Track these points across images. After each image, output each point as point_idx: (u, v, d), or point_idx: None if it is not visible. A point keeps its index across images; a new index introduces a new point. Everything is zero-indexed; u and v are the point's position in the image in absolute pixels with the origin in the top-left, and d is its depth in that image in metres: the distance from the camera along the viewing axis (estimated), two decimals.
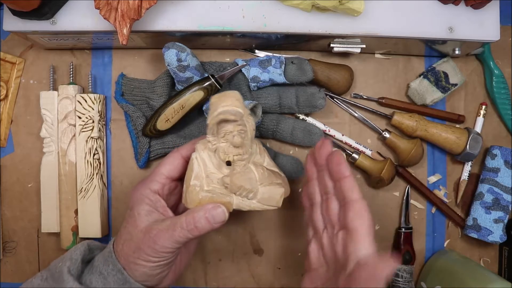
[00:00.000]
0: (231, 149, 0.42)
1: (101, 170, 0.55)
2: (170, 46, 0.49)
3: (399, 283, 0.55)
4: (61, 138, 0.54)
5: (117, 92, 0.54)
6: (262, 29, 0.49)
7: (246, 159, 0.42)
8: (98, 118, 0.54)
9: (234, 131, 0.41)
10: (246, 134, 0.41)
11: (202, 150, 0.43)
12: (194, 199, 0.41)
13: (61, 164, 0.54)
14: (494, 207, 0.55)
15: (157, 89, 0.53)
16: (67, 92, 0.54)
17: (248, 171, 0.42)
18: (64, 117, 0.54)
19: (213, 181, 0.42)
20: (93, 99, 0.54)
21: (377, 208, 0.58)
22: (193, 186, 0.41)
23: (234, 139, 0.41)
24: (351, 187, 0.39)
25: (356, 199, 0.39)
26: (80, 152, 0.54)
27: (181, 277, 0.57)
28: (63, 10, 0.48)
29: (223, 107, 0.40)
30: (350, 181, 0.39)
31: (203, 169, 0.42)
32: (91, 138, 0.54)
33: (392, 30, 0.50)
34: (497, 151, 0.56)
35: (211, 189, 0.41)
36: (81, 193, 0.54)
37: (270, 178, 0.43)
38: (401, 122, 0.55)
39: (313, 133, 0.54)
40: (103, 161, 0.56)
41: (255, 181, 0.42)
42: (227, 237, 0.58)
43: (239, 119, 0.40)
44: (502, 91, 0.58)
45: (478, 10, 0.50)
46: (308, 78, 0.52)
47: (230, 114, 0.40)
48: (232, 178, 0.41)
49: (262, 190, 0.42)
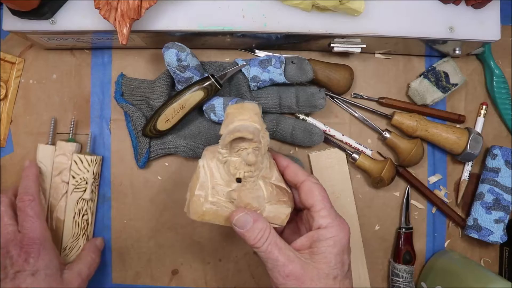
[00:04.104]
0: (243, 166, 0.40)
1: (88, 230, 0.55)
2: (170, 46, 0.48)
3: (400, 283, 0.55)
4: (52, 193, 0.54)
5: (117, 92, 0.54)
6: (262, 29, 0.49)
7: (256, 175, 0.41)
8: (92, 181, 0.54)
9: (249, 148, 0.39)
10: (260, 150, 0.40)
11: (211, 159, 0.41)
12: (198, 211, 0.40)
13: (48, 219, 0.54)
14: (495, 207, 0.55)
15: (157, 89, 0.53)
16: (65, 149, 0.54)
17: (256, 188, 0.41)
18: (58, 172, 0.54)
19: (218, 193, 0.40)
20: (89, 161, 0.53)
21: (377, 208, 0.58)
22: (198, 196, 0.40)
23: (248, 157, 0.39)
24: (294, 173, 0.43)
25: (302, 180, 0.42)
26: (69, 211, 0.54)
27: (181, 279, 0.57)
28: (62, 10, 0.48)
29: (240, 121, 0.38)
30: (291, 167, 0.43)
31: (210, 179, 0.40)
32: (82, 200, 0.54)
33: (392, 30, 0.50)
34: (498, 151, 0.56)
35: (215, 201, 0.40)
36: (65, 251, 0.54)
37: (278, 196, 0.42)
38: (402, 122, 0.55)
39: (313, 133, 0.54)
40: (91, 222, 0.55)
41: (263, 199, 0.41)
42: (227, 237, 0.58)
43: (256, 138, 0.38)
44: (503, 91, 0.58)
45: (479, 10, 0.50)
46: (308, 78, 0.52)
47: (248, 132, 0.38)
48: (240, 195, 0.40)
49: (268, 208, 0.41)
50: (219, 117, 0.52)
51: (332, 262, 0.38)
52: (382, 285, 0.58)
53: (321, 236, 0.39)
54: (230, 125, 0.39)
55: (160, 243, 0.57)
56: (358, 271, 0.56)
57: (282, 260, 0.38)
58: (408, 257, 0.56)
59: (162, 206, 0.57)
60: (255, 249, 0.39)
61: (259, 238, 0.38)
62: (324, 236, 0.39)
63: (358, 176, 0.58)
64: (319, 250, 0.38)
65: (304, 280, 0.37)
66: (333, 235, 0.39)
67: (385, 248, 0.58)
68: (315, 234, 0.39)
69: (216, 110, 0.52)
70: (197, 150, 0.54)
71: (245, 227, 0.39)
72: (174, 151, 0.54)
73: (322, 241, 0.38)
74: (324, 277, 0.38)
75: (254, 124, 0.39)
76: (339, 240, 0.39)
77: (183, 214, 0.57)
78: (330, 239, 0.38)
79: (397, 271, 0.56)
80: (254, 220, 0.39)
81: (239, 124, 0.39)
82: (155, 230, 0.57)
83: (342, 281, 0.39)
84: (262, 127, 0.40)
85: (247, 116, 0.39)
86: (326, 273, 0.38)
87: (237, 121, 0.39)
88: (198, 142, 0.54)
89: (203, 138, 0.54)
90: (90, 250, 0.52)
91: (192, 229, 0.57)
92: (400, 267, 0.56)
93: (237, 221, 0.39)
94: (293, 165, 0.43)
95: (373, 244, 0.58)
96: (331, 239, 0.38)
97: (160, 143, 0.54)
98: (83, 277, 0.49)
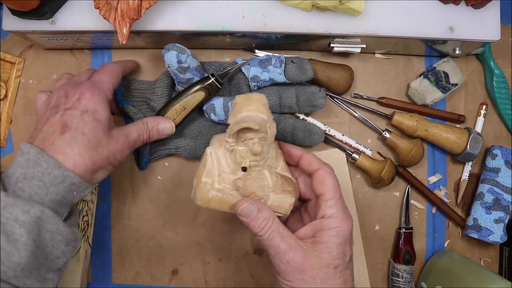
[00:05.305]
0: (249, 155, 0.40)
1: (88, 231, 0.55)
2: (170, 47, 0.48)
3: (400, 283, 0.55)
4: None
5: (118, 94, 0.54)
6: (262, 29, 0.49)
7: (262, 165, 0.41)
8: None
9: (255, 138, 0.40)
10: (267, 141, 0.40)
11: (218, 147, 0.41)
12: (204, 197, 0.41)
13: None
14: (495, 207, 0.55)
15: (157, 90, 0.53)
16: None
17: (262, 178, 0.41)
18: None
19: (224, 180, 0.41)
20: None
21: (377, 208, 0.58)
22: (204, 183, 0.41)
23: (254, 147, 0.40)
24: (308, 161, 0.43)
25: (316, 168, 0.42)
26: None
27: (181, 279, 0.57)
28: (62, 10, 0.48)
29: (248, 111, 0.39)
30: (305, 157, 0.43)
31: (216, 167, 0.41)
32: (83, 201, 0.53)
33: (392, 30, 0.50)
34: (498, 151, 0.56)
35: (221, 188, 0.41)
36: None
37: (282, 185, 0.42)
38: (401, 122, 0.55)
39: (314, 133, 0.54)
40: (91, 223, 0.55)
41: (268, 188, 0.41)
42: (227, 237, 0.58)
43: (262, 129, 0.39)
44: (503, 91, 0.58)
45: (479, 9, 0.50)
46: (308, 77, 0.52)
47: (254, 123, 0.38)
48: (245, 183, 0.41)
49: (273, 197, 0.42)
50: (219, 117, 0.52)
51: (334, 252, 0.38)
52: (382, 285, 0.58)
53: (325, 226, 0.39)
54: (237, 115, 0.39)
55: (160, 243, 0.57)
56: (358, 271, 0.56)
57: (284, 247, 0.38)
58: (408, 257, 0.56)
59: (162, 206, 0.57)
60: (258, 236, 0.39)
61: (263, 227, 0.39)
62: (328, 226, 0.39)
63: (358, 176, 0.58)
64: (322, 240, 0.39)
65: (305, 267, 0.38)
66: (337, 225, 0.39)
67: (385, 248, 0.58)
68: (318, 224, 0.40)
69: (216, 110, 0.52)
70: (198, 150, 0.54)
71: (249, 217, 0.39)
72: (174, 151, 0.54)
73: (326, 231, 0.39)
74: (325, 266, 0.38)
75: (261, 114, 0.39)
76: (342, 230, 0.39)
77: (183, 214, 0.57)
78: (334, 229, 0.39)
79: (397, 271, 0.56)
80: (258, 209, 0.39)
81: (246, 114, 0.39)
82: (155, 230, 0.57)
83: (343, 271, 0.39)
84: (269, 118, 0.40)
85: (254, 107, 0.40)
86: (327, 262, 0.38)
87: (245, 111, 0.39)
88: (198, 142, 0.54)
89: (203, 138, 0.54)
90: (146, 120, 0.49)
91: (192, 229, 0.57)
92: (400, 267, 0.56)
93: (242, 211, 0.40)
94: (307, 155, 0.43)
95: (373, 244, 0.58)
96: (334, 229, 0.39)
97: (160, 144, 0.54)
98: (130, 141, 0.46)
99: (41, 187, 0.38)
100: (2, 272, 0.34)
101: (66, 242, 0.39)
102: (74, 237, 0.40)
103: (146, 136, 0.48)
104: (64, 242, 0.39)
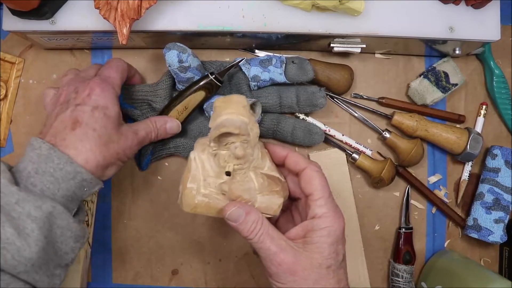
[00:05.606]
0: (232, 159, 0.40)
1: (88, 231, 0.54)
2: (171, 47, 0.48)
3: (400, 283, 0.55)
4: None
5: (120, 97, 0.53)
6: (262, 29, 0.49)
7: (247, 167, 0.41)
8: None
9: (237, 142, 0.39)
10: (249, 143, 0.39)
11: (202, 151, 0.41)
12: (190, 203, 0.40)
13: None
14: (495, 207, 0.55)
15: (160, 92, 0.53)
16: None
17: (247, 180, 0.41)
18: None
19: (210, 185, 0.40)
20: None
21: (377, 208, 0.58)
22: (190, 189, 0.40)
23: (236, 151, 0.39)
24: (294, 161, 0.42)
25: (303, 167, 0.41)
26: None
27: (181, 279, 0.57)
28: (62, 10, 0.48)
29: (228, 115, 0.38)
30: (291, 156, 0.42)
31: (201, 171, 0.41)
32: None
33: (392, 30, 0.50)
34: (498, 151, 0.56)
35: (207, 193, 0.40)
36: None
37: (270, 186, 0.41)
38: (401, 122, 0.55)
39: (314, 133, 0.54)
40: (91, 223, 0.55)
41: (254, 190, 0.41)
42: (227, 237, 0.58)
43: (243, 132, 0.38)
44: (503, 91, 0.58)
45: (479, 9, 0.50)
46: (308, 77, 0.52)
47: (234, 127, 0.37)
48: (231, 187, 0.40)
49: (260, 199, 0.41)
50: None
51: (326, 252, 0.38)
52: (382, 285, 0.58)
53: (315, 226, 0.39)
54: (217, 119, 0.39)
55: (160, 243, 0.57)
56: (358, 271, 0.56)
57: (274, 249, 0.38)
58: (408, 257, 0.56)
59: (162, 206, 0.57)
60: (248, 240, 0.39)
61: (252, 230, 0.39)
62: (318, 226, 0.39)
63: (358, 176, 0.58)
64: (313, 240, 0.38)
65: (296, 269, 0.37)
66: (328, 225, 0.39)
67: (385, 248, 0.58)
68: (309, 224, 0.39)
69: None
70: None
71: (238, 221, 0.39)
72: (174, 150, 0.54)
73: (316, 231, 0.38)
74: (317, 267, 0.38)
75: (241, 117, 0.39)
76: (333, 230, 0.39)
77: (183, 214, 0.57)
78: (324, 229, 0.38)
79: (397, 271, 0.56)
80: (246, 213, 0.39)
81: (226, 118, 0.38)
82: (155, 230, 0.57)
83: (336, 270, 0.39)
84: (250, 119, 0.40)
85: (234, 110, 0.39)
86: (319, 262, 0.38)
87: (224, 114, 0.39)
88: None
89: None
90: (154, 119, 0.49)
91: (192, 229, 0.57)
92: (400, 267, 0.56)
93: (230, 216, 0.39)
94: (293, 154, 0.43)
95: (373, 244, 0.58)
96: (325, 229, 0.38)
97: (161, 144, 0.54)
98: (138, 138, 0.46)
99: (53, 183, 0.38)
100: (12, 267, 0.34)
101: (75, 238, 0.39)
102: (82, 233, 0.40)
103: (154, 134, 0.48)
104: (73, 238, 0.39)
